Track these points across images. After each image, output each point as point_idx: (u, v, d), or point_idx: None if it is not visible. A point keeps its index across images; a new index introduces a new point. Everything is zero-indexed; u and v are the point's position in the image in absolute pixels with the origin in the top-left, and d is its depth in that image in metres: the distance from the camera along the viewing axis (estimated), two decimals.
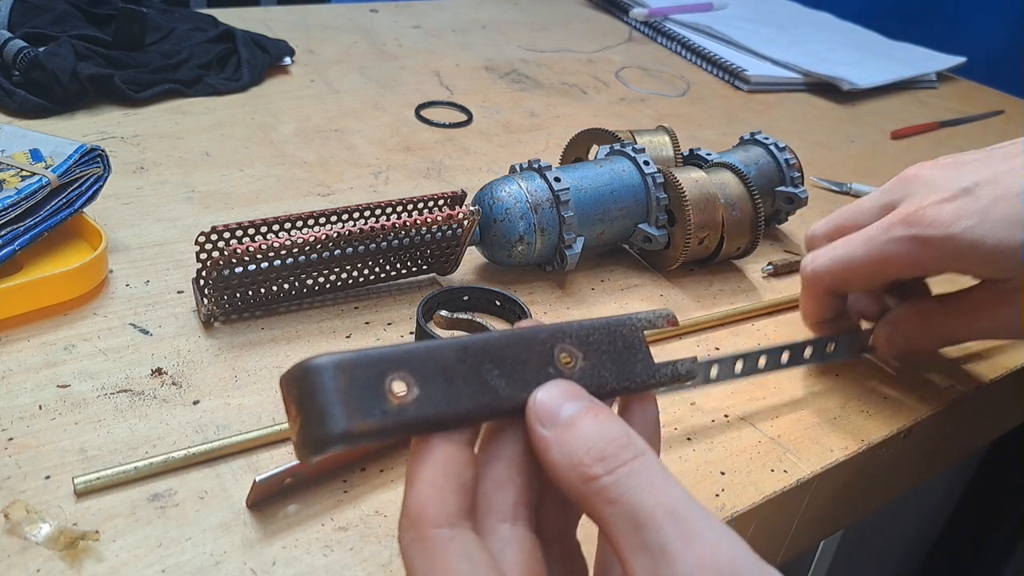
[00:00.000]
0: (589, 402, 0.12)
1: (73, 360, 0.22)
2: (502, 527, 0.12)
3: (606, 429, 0.11)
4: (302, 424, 0.11)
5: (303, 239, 0.23)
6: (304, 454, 0.11)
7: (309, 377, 0.11)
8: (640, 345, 0.13)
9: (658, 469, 0.11)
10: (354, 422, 0.11)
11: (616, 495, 0.11)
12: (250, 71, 0.41)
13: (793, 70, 0.52)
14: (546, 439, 0.12)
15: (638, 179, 0.29)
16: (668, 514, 0.10)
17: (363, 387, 0.11)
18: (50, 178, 0.25)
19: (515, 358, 0.12)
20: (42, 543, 0.17)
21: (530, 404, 0.12)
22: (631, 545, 0.10)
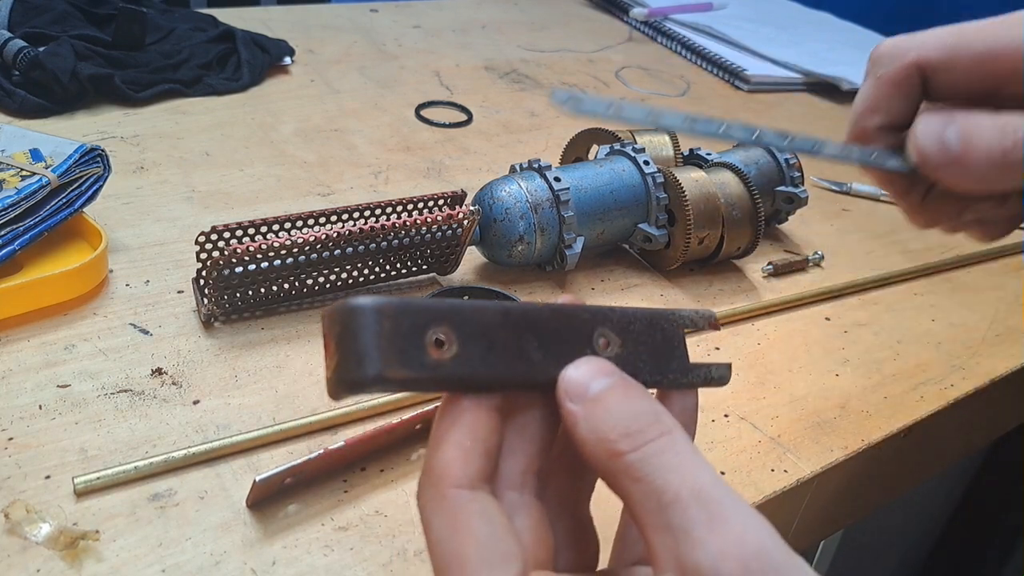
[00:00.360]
0: (619, 378, 0.12)
1: (73, 360, 0.22)
2: (511, 494, 0.12)
3: (634, 404, 0.11)
4: (339, 362, 0.11)
5: (303, 239, 0.23)
6: (336, 391, 0.11)
7: (353, 316, 0.10)
8: (679, 342, 0.13)
9: (687, 448, 0.11)
10: (390, 369, 0.10)
11: (641, 473, 0.10)
12: (250, 71, 0.41)
13: (793, 70, 0.52)
14: (574, 414, 0.11)
15: (638, 179, 0.29)
16: (694, 496, 0.10)
17: (404, 335, 0.11)
18: (50, 178, 0.25)
19: (555, 334, 0.12)
20: (42, 543, 0.17)
21: (561, 378, 0.12)
22: (654, 525, 0.10)
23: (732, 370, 0.14)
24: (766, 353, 0.26)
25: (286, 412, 0.21)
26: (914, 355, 0.27)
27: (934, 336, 0.28)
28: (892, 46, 0.15)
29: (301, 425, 0.21)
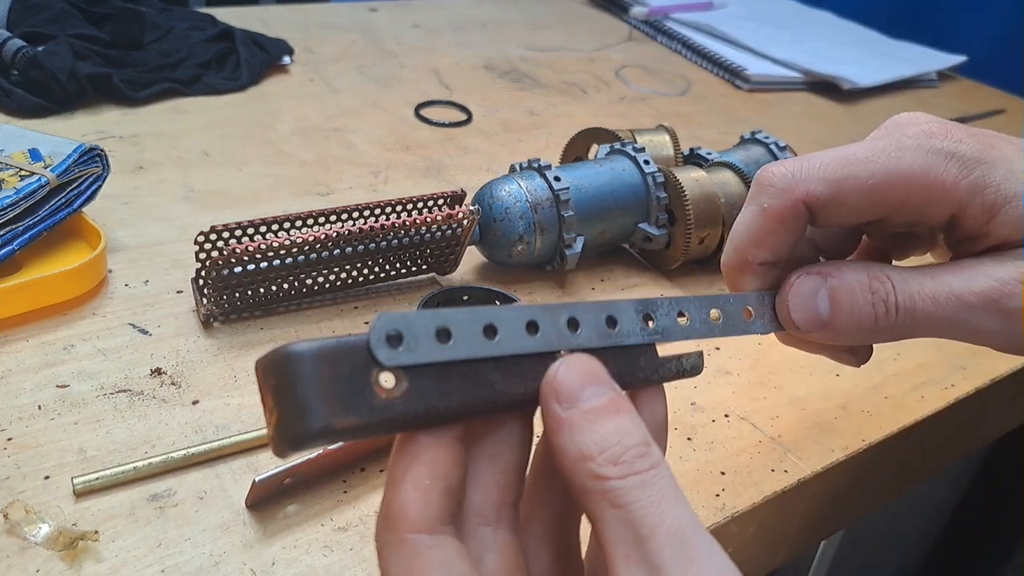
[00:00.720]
0: (613, 392, 0.11)
1: (72, 360, 0.22)
2: (483, 530, 0.11)
3: (626, 432, 0.11)
4: (279, 417, 0.10)
5: (302, 239, 0.23)
6: (280, 449, 0.10)
7: (288, 366, 0.10)
8: None
9: (670, 483, 0.10)
10: (336, 418, 0.10)
11: (621, 500, 0.10)
12: (249, 70, 0.40)
13: (793, 69, 0.52)
14: (559, 420, 0.11)
15: (638, 178, 0.29)
16: (672, 535, 0.10)
17: (347, 378, 0.10)
18: (49, 178, 0.25)
19: None
20: (41, 543, 0.17)
21: (549, 376, 0.11)
22: (626, 556, 0.10)
23: (704, 358, 0.13)
24: (767, 353, 0.26)
25: None
26: (915, 355, 0.27)
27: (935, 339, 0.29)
28: (780, 178, 0.14)
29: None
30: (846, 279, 0.14)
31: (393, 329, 0.10)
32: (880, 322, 0.13)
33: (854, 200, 0.14)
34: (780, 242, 0.15)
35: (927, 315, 0.13)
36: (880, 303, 0.13)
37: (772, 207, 0.14)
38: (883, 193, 0.14)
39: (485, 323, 0.11)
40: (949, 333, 0.14)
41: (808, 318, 0.14)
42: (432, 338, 0.10)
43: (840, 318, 0.14)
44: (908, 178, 0.14)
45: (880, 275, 0.14)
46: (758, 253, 0.15)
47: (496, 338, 0.11)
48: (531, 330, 0.11)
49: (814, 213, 0.14)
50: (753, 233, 0.15)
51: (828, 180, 0.14)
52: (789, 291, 0.14)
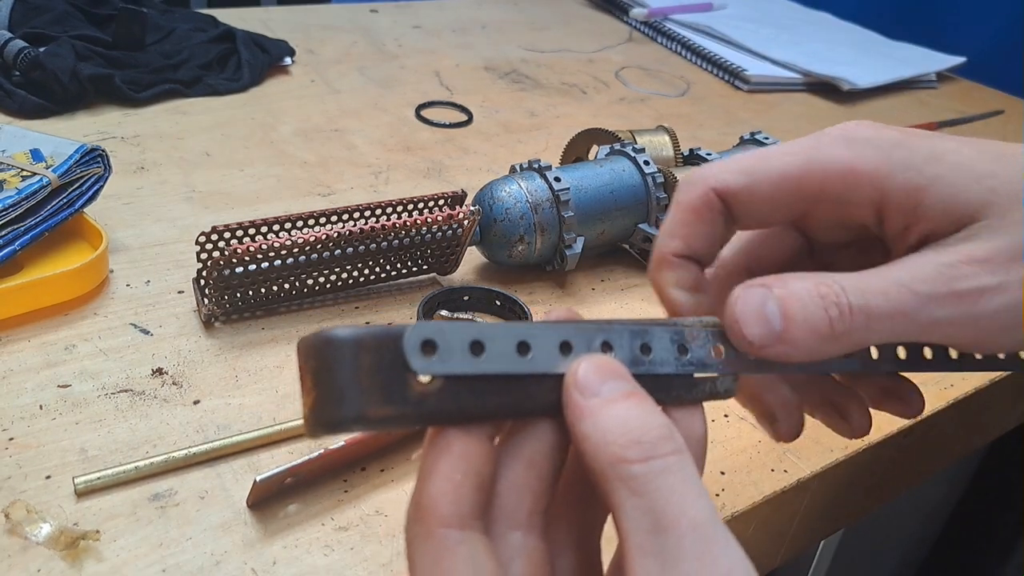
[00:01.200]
0: (632, 387, 0.11)
1: (74, 360, 0.22)
2: (513, 535, 0.11)
3: (648, 416, 0.11)
4: (316, 400, 0.10)
5: (303, 239, 0.23)
6: (314, 431, 0.10)
7: (329, 350, 0.10)
8: None
9: (693, 474, 0.10)
10: (371, 407, 0.10)
11: (643, 488, 0.10)
12: (250, 71, 0.41)
13: (793, 70, 0.52)
14: (581, 408, 0.11)
15: (638, 179, 0.29)
16: (692, 527, 0.10)
17: (386, 369, 0.10)
18: (50, 178, 0.25)
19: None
20: (43, 543, 0.17)
21: (570, 372, 0.11)
22: (642, 545, 0.10)
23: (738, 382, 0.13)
24: None
25: (286, 412, 0.21)
26: None
27: None
28: (694, 173, 0.14)
29: (301, 425, 0.20)
30: (792, 287, 0.12)
31: (427, 338, 0.10)
32: (836, 327, 0.12)
33: (768, 189, 0.13)
34: (695, 233, 0.14)
35: (882, 312, 0.12)
36: (833, 306, 0.12)
37: (683, 198, 0.14)
38: (797, 180, 0.13)
39: (519, 340, 0.11)
40: (907, 330, 0.12)
41: (762, 332, 0.12)
42: (465, 350, 0.10)
43: (794, 328, 0.12)
44: (823, 164, 0.13)
45: (826, 280, 0.12)
46: (671, 243, 0.14)
47: (529, 355, 0.11)
48: (564, 351, 0.11)
49: (730, 206, 0.14)
50: (667, 225, 0.14)
51: (740, 171, 0.14)
52: (737, 306, 0.13)
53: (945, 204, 0.13)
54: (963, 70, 0.58)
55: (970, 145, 0.13)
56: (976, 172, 0.13)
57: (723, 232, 0.14)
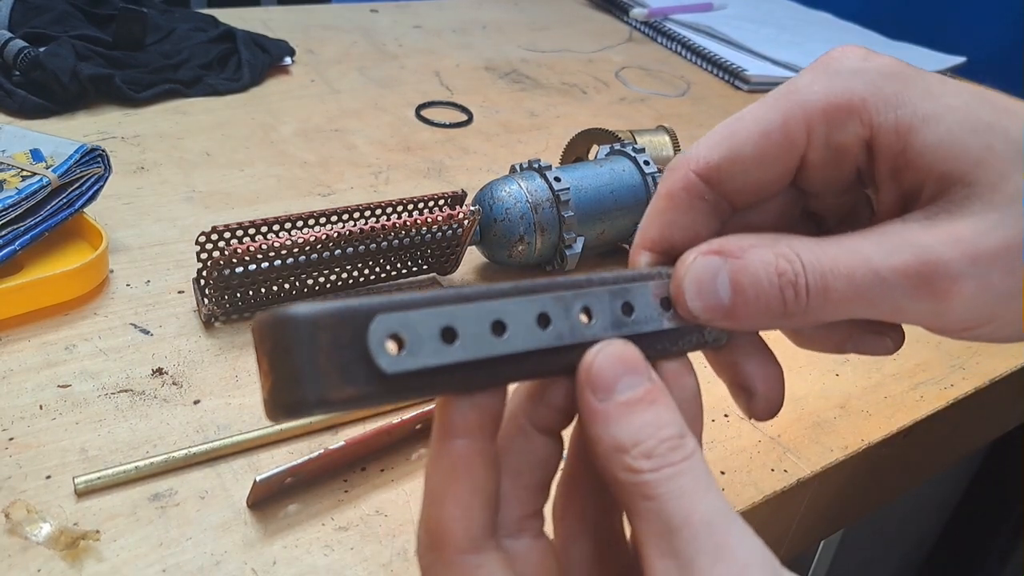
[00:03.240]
0: (649, 383, 0.11)
1: (74, 360, 0.22)
2: (506, 542, 0.11)
3: (661, 423, 0.10)
4: (273, 383, 0.09)
5: (303, 239, 0.23)
6: (274, 415, 0.09)
7: (284, 330, 0.09)
8: None
9: (702, 473, 0.10)
10: (332, 390, 0.09)
11: (654, 492, 0.10)
12: (250, 71, 0.41)
13: (793, 70, 0.52)
14: (595, 411, 0.10)
15: (638, 179, 0.29)
16: (704, 524, 0.10)
17: (347, 346, 0.09)
18: (51, 178, 0.25)
19: None
20: (43, 543, 0.17)
21: (585, 364, 0.11)
22: (658, 547, 0.10)
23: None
24: None
25: None
26: (914, 355, 0.27)
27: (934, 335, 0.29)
28: (676, 158, 0.13)
29: (301, 425, 0.21)
30: (749, 260, 0.11)
31: (392, 332, 0.09)
32: (790, 307, 0.11)
33: (751, 151, 0.12)
34: (670, 221, 0.12)
35: (841, 296, 0.11)
36: (788, 287, 0.11)
37: (662, 185, 0.13)
38: (781, 131, 0.12)
39: (493, 319, 0.10)
40: (868, 312, 0.11)
41: (707, 306, 0.11)
42: (436, 339, 0.10)
43: (743, 305, 0.11)
44: (804, 106, 0.12)
45: (788, 252, 0.11)
46: (647, 232, 0.13)
47: (505, 335, 0.10)
48: (542, 323, 0.11)
49: (717, 185, 0.12)
50: (646, 214, 0.13)
51: (716, 142, 0.12)
52: (684, 276, 0.12)
53: (935, 153, 0.11)
54: (963, 70, 0.58)
55: (972, 92, 0.11)
56: (974, 122, 0.11)
57: (708, 220, 0.13)
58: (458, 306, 0.10)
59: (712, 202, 0.13)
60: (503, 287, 0.10)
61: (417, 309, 0.10)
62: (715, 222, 0.13)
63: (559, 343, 0.11)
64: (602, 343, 0.11)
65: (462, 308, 0.10)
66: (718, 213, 0.13)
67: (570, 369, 0.11)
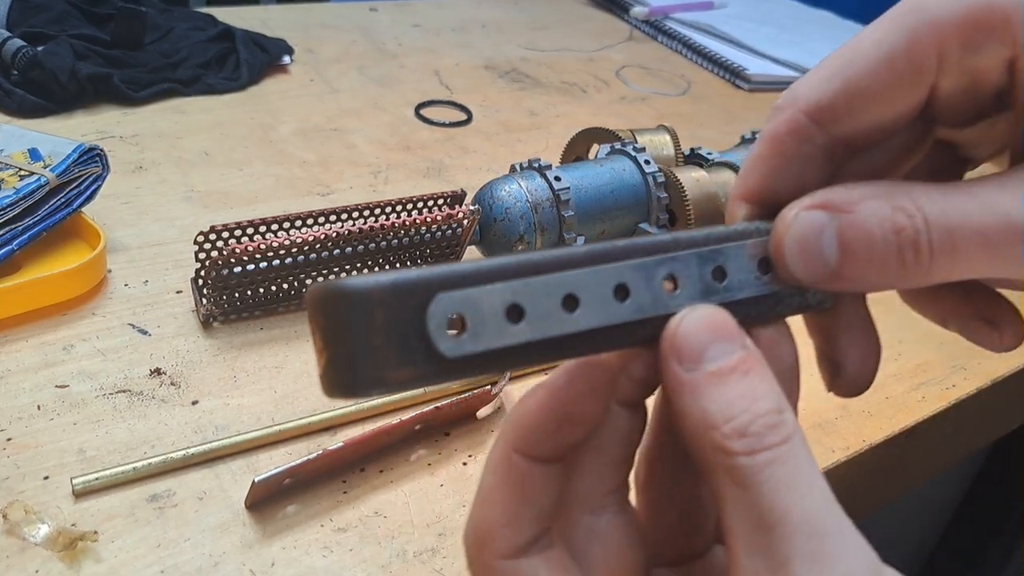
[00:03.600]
0: (742, 350, 0.09)
1: (72, 360, 0.22)
2: (586, 519, 0.10)
3: (757, 396, 0.09)
4: (327, 361, 0.09)
5: (302, 239, 0.23)
6: (330, 393, 0.09)
7: (336, 306, 0.08)
8: None
9: (804, 459, 0.09)
10: (387, 370, 0.08)
11: (747, 480, 0.09)
12: (249, 70, 0.40)
13: (794, 69, 0.52)
14: (680, 382, 0.09)
15: (639, 178, 0.29)
16: (803, 523, 0.08)
17: (404, 325, 0.08)
18: (49, 177, 0.25)
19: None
20: (41, 544, 0.17)
21: (669, 331, 0.09)
22: (748, 542, 0.09)
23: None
24: None
25: (285, 413, 0.21)
26: (916, 355, 0.27)
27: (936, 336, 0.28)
28: (784, 95, 0.10)
29: (300, 426, 0.21)
30: (861, 215, 0.09)
31: (453, 312, 0.09)
32: (909, 269, 0.09)
33: (871, 84, 0.10)
34: (773, 168, 0.11)
35: (972, 256, 0.09)
36: (909, 247, 0.09)
37: (766, 128, 0.11)
38: (906, 57, 0.09)
39: (564, 294, 0.09)
40: (996, 273, 0.09)
41: (810, 268, 0.10)
42: (501, 318, 0.09)
43: (853, 267, 0.09)
44: (936, 25, 0.09)
45: (908, 205, 0.09)
46: (745, 182, 0.11)
47: (578, 311, 0.09)
48: (620, 295, 0.09)
49: (829, 125, 0.10)
50: (745, 162, 0.11)
51: (828, 76, 0.10)
52: (785, 234, 0.10)
53: None
54: None
55: None
56: None
57: (818, 166, 0.11)
58: (526, 280, 0.09)
59: (823, 145, 0.10)
60: (575, 253, 0.09)
61: (480, 285, 0.09)
62: (826, 168, 0.11)
63: (639, 316, 0.09)
64: (688, 308, 0.09)
65: (530, 282, 0.09)
66: (830, 157, 0.11)
67: (651, 340, 0.10)
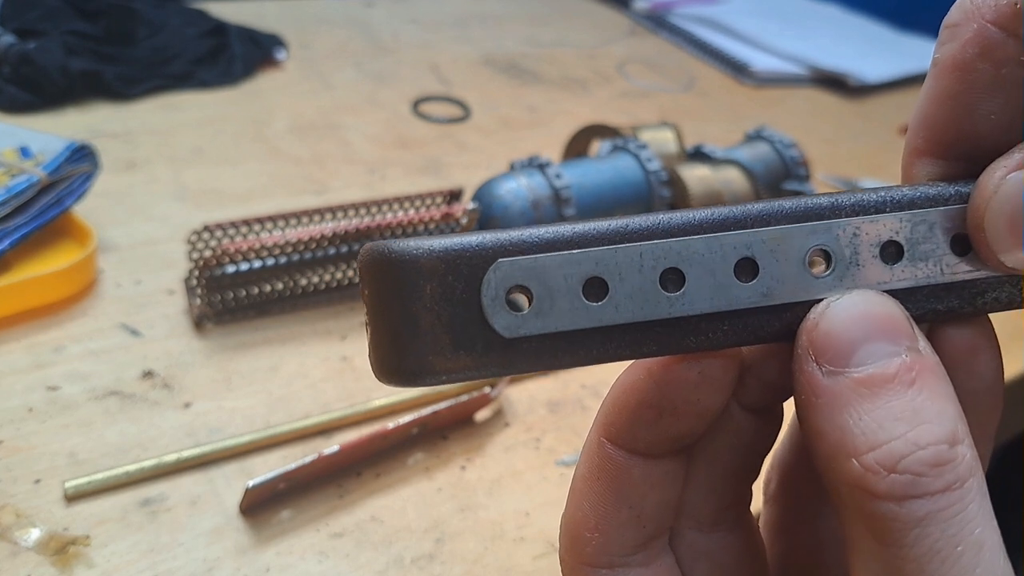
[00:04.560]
0: (911, 354, 0.07)
1: (63, 362, 0.22)
2: (693, 535, 0.09)
3: (923, 419, 0.06)
4: (372, 338, 0.07)
5: (297, 237, 0.22)
6: (379, 378, 0.07)
7: (382, 274, 0.07)
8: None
9: (977, 517, 0.06)
10: (439, 357, 0.07)
11: (891, 537, 0.06)
12: (243, 65, 0.40)
13: (799, 64, 0.51)
14: (816, 388, 0.07)
15: (641, 176, 0.28)
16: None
17: (460, 302, 0.07)
18: (40, 176, 0.24)
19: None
20: (32, 548, 0.17)
21: (811, 318, 0.07)
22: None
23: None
24: None
25: (280, 415, 0.21)
26: None
27: None
28: (955, 10, 0.08)
29: (295, 429, 0.20)
30: None
31: (516, 283, 0.07)
32: None
33: None
34: (959, 108, 0.07)
35: None
36: None
37: (944, 57, 0.08)
38: None
39: (665, 267, 0.07)
40: None
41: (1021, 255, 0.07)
42: (576, 294, 0.07)
43: None
44: None
45: None
46: (925, 127, 0.08)
47: (681, 290, 0.07)
48: (744, 273, 0.07)
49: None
50: (921, 103, 0.08)
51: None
52: (988, 202, 0.07)
53: None
54: None
55: None
56: None
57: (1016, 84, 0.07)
58: (615, 247, 0.07)
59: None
60: (689, 216, 0.07)
61: (553, 252, 0.07)
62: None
63: (769, 302, 0.07)
64: (840, 292, 0.07)
65: (619, 250, 0.07)
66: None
67: (785, 336, 0.07)
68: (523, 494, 0.20)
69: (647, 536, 0.08)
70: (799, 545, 0.09)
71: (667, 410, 0.08)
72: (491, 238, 0.07)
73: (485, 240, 0.07)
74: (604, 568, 0.08)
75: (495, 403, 0.22)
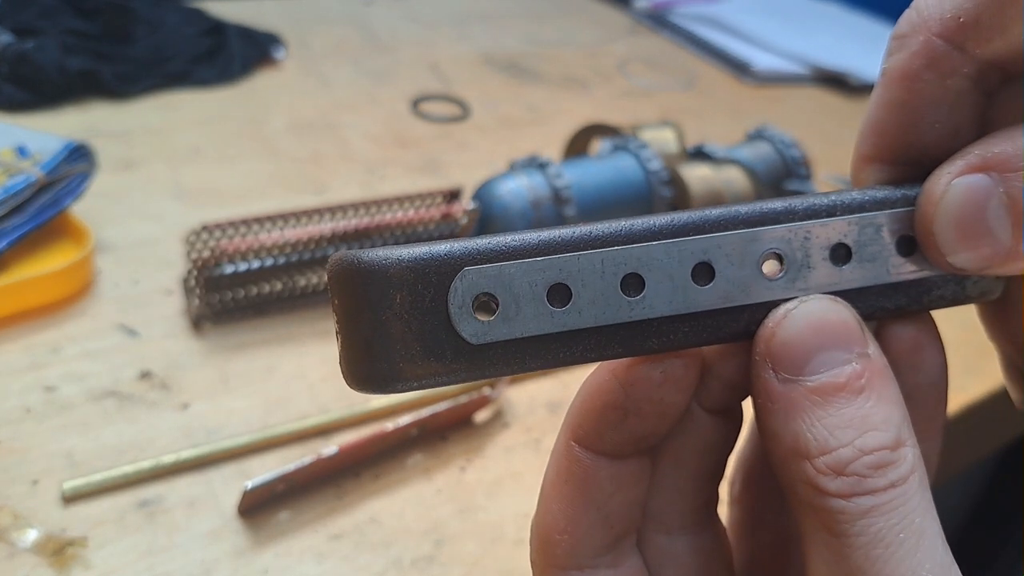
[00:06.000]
0: (860, 361, 0.07)
1: (60, 362, 0.22)
2: (659, 539, 0.09)
3: (869, 425, 0.07)
4: (343, 346, 0.07)
5: (295, 237, 0.22)
6: (351, 386, 0.07)
7: (351, 284, 0.07)
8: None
9: (917, 511, 0.07)
10: (409, 364, 0.07)
11: (839, 529, 0.07)
12: (241, 64, 0.40)
13: (800, 63, 0.51)
14: (771, 395, 0.07)
15: (641, 175, 0.28)
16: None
17: (429, 310, 0.07)
18: (38, 175, 0.24)
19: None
20: (29, 549, 0.17)
21: (766, 330, 0.07)
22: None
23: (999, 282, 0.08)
24: None
25: (278, 416, 0.21)
26: None
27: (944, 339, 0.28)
28: (904, 19, 0.08)
29: (293, 430, 0.20)
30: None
31: (482, 291, 0.07)
32: None
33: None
34: (905, 115, 0.08)
35: None
36: None
37: (892, 67, 0.08)
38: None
39: (624, 273, 0.07)
40: None
41: (972, 251, 0.07)
42: (541, 300, 0.07)
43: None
44: None
45: None
46: (875, 133, 0.08)
47: (641, 295, 0.07)
48: (701, 276, 0.07)
49: (977, 46, 0.08)
50: (871, 111, 0.08)
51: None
52: (936, 207, 0.07)
53: None
54: None
55: None
56: None
57: (969, 104, 0.08)
58: (576, 254, 0.07)
59: (973, 76, 0.08)
60: (648, 223, 0.07)
61: (518, 259, 0.07)
62: (979, 105, 0.08)
63: (725, 304, 0.07)
64: (796, 300, 0.07)
65: (582, 256, 0.07)
66: (983, 90, 0.08)
67: (742, 336, 0.08)
68: (523, 496, 0.20)
69: (615, 537, 0.09)
70: (765, 545, 0.09)
71: (632, 411, 0.08)
72: (459, 247, 0.07)
73: (453, 249, 0.07)
74: (574, 570, 0.08)
75: (495, 404, 0.22)
